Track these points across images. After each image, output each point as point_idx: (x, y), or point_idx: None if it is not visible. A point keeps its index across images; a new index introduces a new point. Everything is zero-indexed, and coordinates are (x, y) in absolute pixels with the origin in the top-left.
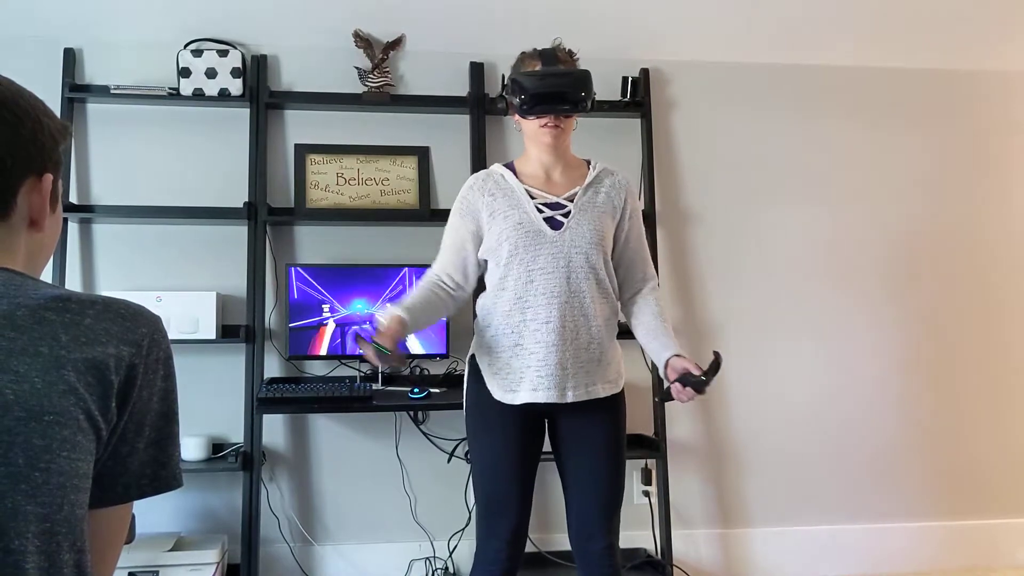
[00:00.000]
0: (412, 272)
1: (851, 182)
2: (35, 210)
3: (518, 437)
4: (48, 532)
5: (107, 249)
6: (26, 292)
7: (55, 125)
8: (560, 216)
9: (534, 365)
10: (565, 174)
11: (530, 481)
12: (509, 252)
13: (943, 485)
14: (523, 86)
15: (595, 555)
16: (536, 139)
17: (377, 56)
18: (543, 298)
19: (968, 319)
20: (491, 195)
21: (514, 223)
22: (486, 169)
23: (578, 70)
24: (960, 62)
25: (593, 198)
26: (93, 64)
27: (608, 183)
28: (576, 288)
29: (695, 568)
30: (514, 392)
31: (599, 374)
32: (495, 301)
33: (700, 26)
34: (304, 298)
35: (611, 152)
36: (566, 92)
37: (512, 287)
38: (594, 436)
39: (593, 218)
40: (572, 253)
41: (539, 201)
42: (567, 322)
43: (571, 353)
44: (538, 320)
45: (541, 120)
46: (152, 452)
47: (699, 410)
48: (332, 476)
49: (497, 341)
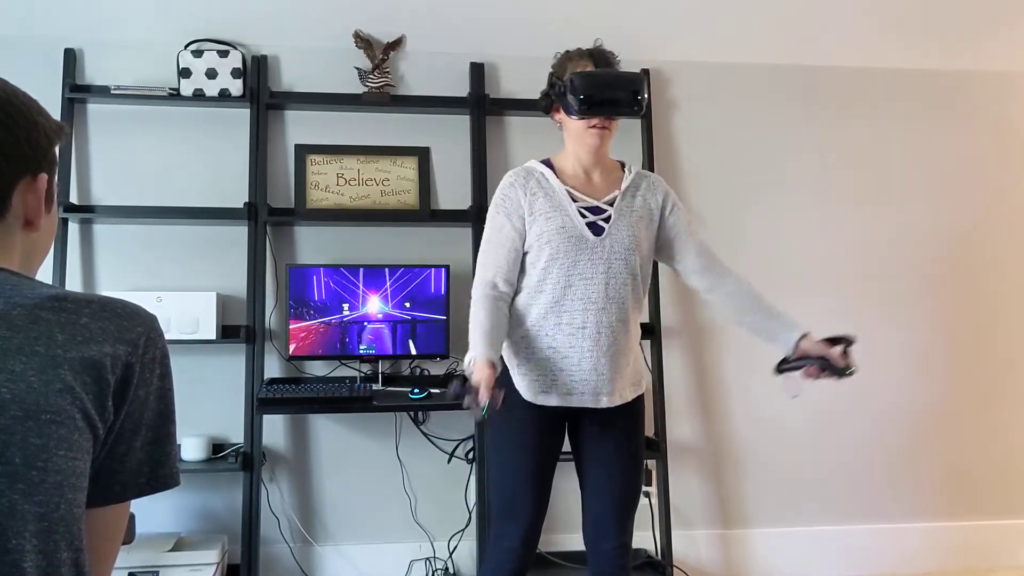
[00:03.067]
0: (412, 272)
1: (851, 182)
2: (30, 210)
3: (541, 439)
4: (46, 531)
5: (107, 249)
6: (22, 291)
7: (50, 125)
8: (601, 221)
9: (567, 369)
10: (603, 176)
11: (548, 483)
12: (550, 255)
13: (944, 486)
14: (579, 86)
15: (607, 554)
16: (582, 140)
17: (377, 56)
18: (580, 303)
19: (969, 320)
20: (532, 194)
21: (557, 226)
22: (524, 166)
23: (635, 73)
24: (961, 62)
25: (631, 203)
26: (93, 64)
27: (644, 186)
28: (614, 294)
29: (695, 568)
30: (546, 394)
31: (628, 379)
32: (530, 302)
33: (700, 27)
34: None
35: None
36: (622, 95)
37: (550, 291)
38: (617, 439)
39: (631, 223)
40: (612, 259)
41: (581, 205)
42: (603, 328)
43: (607, 359)
44: (574, 325)
45: (590, 121)
46: (149, 451)
47: (699, 410)
48: (332, 476)
49: (530, 343)
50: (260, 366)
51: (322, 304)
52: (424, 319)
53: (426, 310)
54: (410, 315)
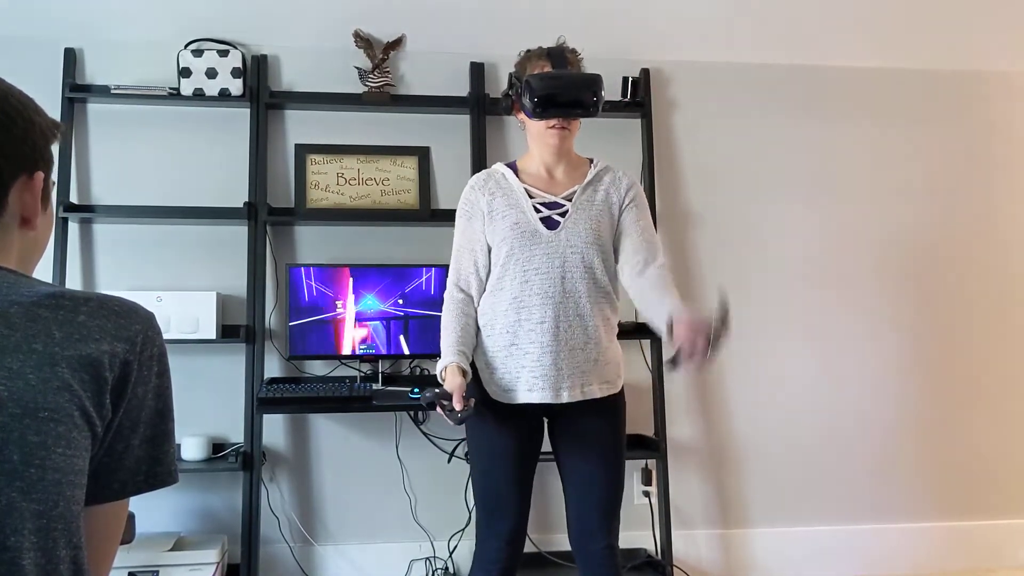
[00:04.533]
0: (412, 272)
1: (851, 182)
2: (27, 208)
3: (516, 438)
4: (44, 529)
5: (107, 249)
6: (19, 290)
7: (46, 123)
8: (557, 216)
9: (529, 365)
10: (567, 173)
11: (528, 481)
12: (507, 253)
13: (944, 485)
14: (535, 88)
15: (595, 555)
16: (542, 140)
17: (377, 56)
18: (538, 298)
19: (969, 320)
20: (491, 194)
21: (511, 223)
22: (488, 169)
23: (590, 74)
24: (961, 62)
25: (592, 197)
26: (94, 64)
27: (607, 180)
28: (571, 288)
29: (695, 568)
30: (510, 392)
31: (595, 374)
32: (493, 301)
33: (700, 26)
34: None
35: (612, 152)
36: (578, 96)
37: (509, 287)
38: (592, 436)
39: (590, 217)
40: (567, 253)
41: (537, 201)
42: (561, 322)
43: (566, 353)
44: (532, 320)
45: (549, 122)
46: (147, 448)
47: (699, 410)
48: (332, 476)
49: (494, 342)
50: (260, 366)
51: (322, 304)
52: (422, 319)
53: (426, 310)
54: (408, 314)
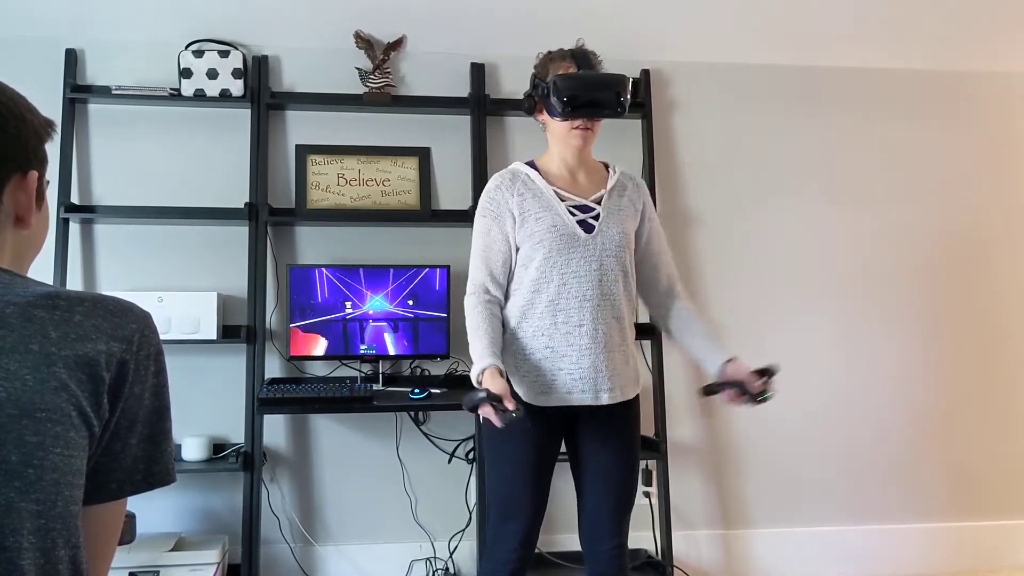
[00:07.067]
0: (413, 272)
1: (851, 183)
2: (21, 208)
3: (540, 441)
4: (43, 529)
5: (108, 249)
6: (15, 290)
7: (39, 122)
8: (591, 219)
9: (566, 368)
10: (588, 176)
11: (547, 484)
12: (544, 255)
13: (946, 486)
14: (562, 88)
15: (604, 554)
16: (565, 141)
17: (378, 57)
18: (575, 301)
19: (971, 320)
20: (520, 195)
21: (548, 225)
22: (508, 168)
23: (617, 74)
24: (961, 63)
25: (618, 201)
26: (94, 65)
27: (630, 187)
28: (608, 291)
29: (696, 569)
30: (546, 395)
31: (628, 375)
32: (527, 304)
33: (700, 27)
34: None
35: (612, 152)
36: (605, 96)
37: (545, 290)
38: (615, 437)
39: (620, 220)
40: (604, 256)
41: (570, 204)
42: (599, 325)
43: (604, 356)
44: (570, 323)
45: (574, 123)
46: (145, 448)
47: (700, 411)
48: (333, 476)
49: (527, 344)
50: (261, 366)
51: (322, 304)
52: (425, 319)
53: (427, 310)
54: (411, 315)
